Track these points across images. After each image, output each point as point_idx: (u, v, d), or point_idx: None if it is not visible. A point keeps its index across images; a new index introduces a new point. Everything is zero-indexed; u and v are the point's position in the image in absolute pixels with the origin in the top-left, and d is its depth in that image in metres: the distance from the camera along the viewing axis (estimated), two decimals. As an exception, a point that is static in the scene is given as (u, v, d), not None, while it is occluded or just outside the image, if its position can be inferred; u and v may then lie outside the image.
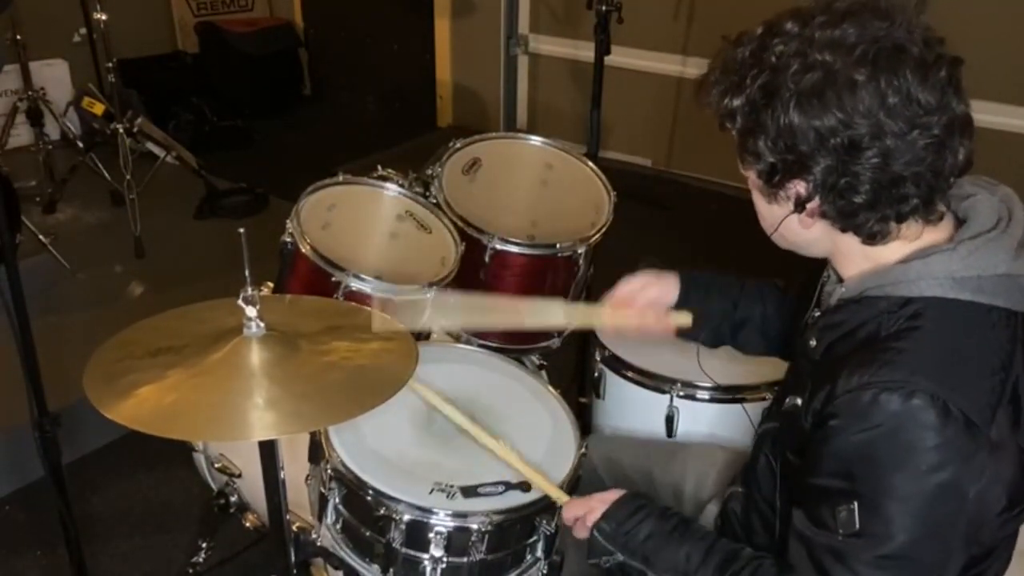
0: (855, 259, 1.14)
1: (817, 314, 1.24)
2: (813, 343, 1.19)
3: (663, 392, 1.79)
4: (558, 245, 1.99)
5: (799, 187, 1.08)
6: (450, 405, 1.49)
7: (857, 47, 1.00)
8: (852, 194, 1.05)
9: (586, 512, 1.34)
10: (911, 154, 1.01)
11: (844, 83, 1.00)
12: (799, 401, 1.16)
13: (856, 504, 1.03)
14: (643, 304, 1.49)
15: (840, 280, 1.19)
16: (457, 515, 1.40)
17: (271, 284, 1.94)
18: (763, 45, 1.06)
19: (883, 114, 1.00)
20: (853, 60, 1.00)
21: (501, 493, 1.44)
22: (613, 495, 1.34)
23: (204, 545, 2.16)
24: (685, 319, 1.48)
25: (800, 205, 1.10)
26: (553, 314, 1.60)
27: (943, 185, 1.06)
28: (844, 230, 1.10)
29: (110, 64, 3.45)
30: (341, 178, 1.99)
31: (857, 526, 1.03)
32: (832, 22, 1.03)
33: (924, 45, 1.02)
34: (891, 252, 1.11)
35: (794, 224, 1.13)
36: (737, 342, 1.55)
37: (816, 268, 1.28)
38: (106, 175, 3.74)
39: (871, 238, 1.10)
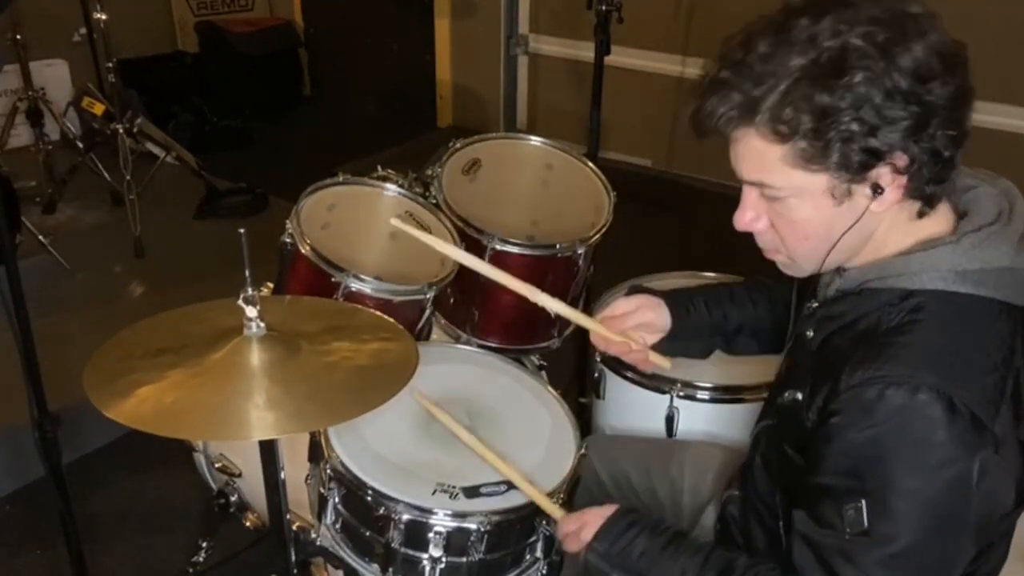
0: (869, 247, 1.11)
1: (815, 305, 1.22)
2: (810, 334, 1.19)
3: (663, 392, 1.79)
4: (558, 245, 1.98)
5: (898, 160, 1.01)
6: (447, 415, 1.51)
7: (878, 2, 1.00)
8: (940, 127, 1.00)
9: (580, 527, 1.33)
10: (952, 85, 1.00)
11: (902, 18, 0.98)
12: (799, 396, 1.15)
13: (864, 502, 1.02)
14: (634, 325, 1.48)
15: (838, 271, 1.16)
16: (456, 515, 1.40)
17: (271, 284, 1.94)
18: (810, 35, 0.99)
19: (931, 43, 0.99)
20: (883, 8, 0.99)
21: (503, 493, 1.44)
22: (607, 510, 1.32)
23: (204, 545, 2.16)
24: (664, 363, 1.50)
25: (877, 187, 1.03)
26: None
27: (968, 122, 1.04)
28: (922, 196, 1.05)
29: (110, 64, 3.44)
30: (341, 178, 1.99)
31: (866, 524, 1.02)
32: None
33: None
34: (894, 243, 1.10)
35: (865, 216, 1.06)
36: (731, 349, 1.55)
37: None
38: (106, 175, 3.73)
39: (930, 203, 1.06)
